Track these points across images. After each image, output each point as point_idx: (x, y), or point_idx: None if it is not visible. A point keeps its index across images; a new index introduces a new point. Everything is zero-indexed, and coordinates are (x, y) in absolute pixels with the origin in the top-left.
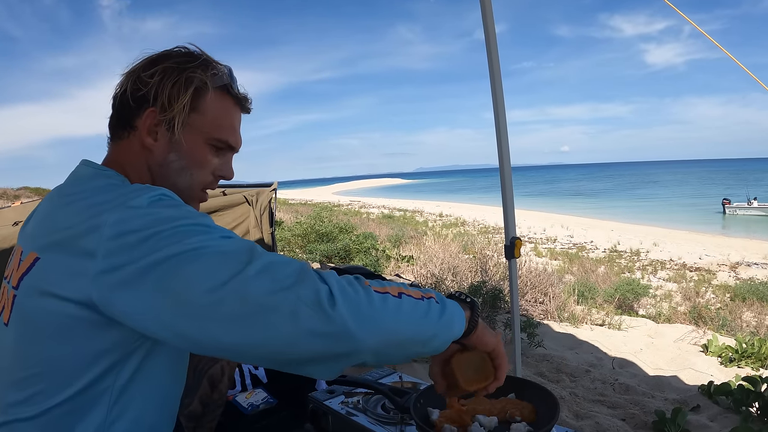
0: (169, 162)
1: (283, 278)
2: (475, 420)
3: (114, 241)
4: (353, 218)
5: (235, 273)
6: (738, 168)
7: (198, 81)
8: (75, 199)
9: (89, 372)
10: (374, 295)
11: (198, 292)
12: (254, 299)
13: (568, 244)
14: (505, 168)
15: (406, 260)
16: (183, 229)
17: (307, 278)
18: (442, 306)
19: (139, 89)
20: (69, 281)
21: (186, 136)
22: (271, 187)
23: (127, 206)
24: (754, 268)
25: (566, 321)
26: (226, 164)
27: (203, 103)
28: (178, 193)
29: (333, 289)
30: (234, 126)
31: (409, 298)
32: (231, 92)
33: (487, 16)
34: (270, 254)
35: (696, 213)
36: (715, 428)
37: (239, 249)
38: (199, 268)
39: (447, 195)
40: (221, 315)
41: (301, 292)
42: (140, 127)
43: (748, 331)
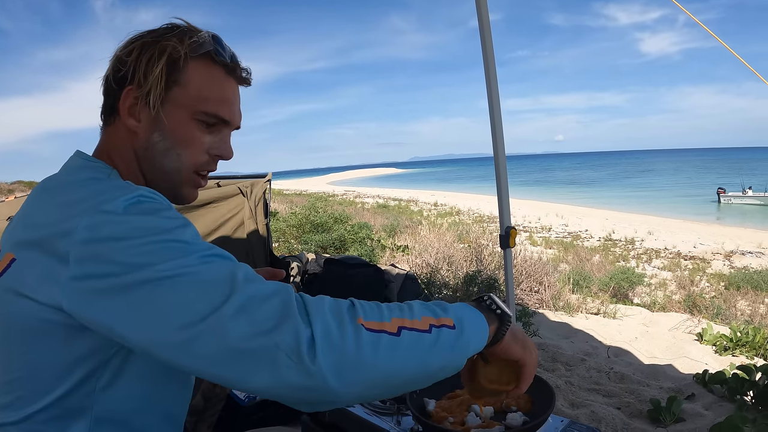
0: (153, 143)
1: (262, 320)
2: (471, 410)
3: (85, 248)
4: (348, 208)
5: (212, 310)
6: (733, 157)
7: (172, 49)
8: (53, 194)
9: (70, 377)
10: (364, 337)
11: (172, 328)
12: (230, 343)
13: (563, 232)
14: (500, 158)
15: (401, 250)
16: (159, 246)
17: (289, 319)
18: (458, 332)
19: (119, 69)
20: (42, 285)
21: (168, 113)
22: (265, 177)
23: (101, 210)
24: (749, 256)
25: (561, 310)
26: (221, 142)
27: (184, 75)
28: (167, 176)
29: (316, 334)
30: (225, 97)
31: (411, 334)
32: (217, 60)
33: (482, 5)
34: (252, 285)
35: (691, 202)
36: (710, 416)
37: (218, 279)
38: (174, 301)
39: (441, 184)
40: (195, 353)
41: (280, 339)
42: (121, 108)
43: (743, 320)
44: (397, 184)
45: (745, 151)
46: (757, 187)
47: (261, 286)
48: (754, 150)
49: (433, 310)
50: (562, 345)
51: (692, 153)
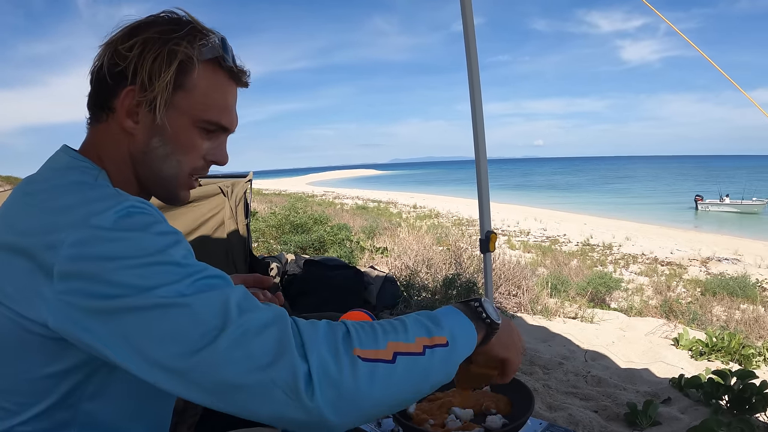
0: (153, 148)
1: (258, 355)
2: (451, 412)
3: (72, 265)
4: (327, 209)
5: (206, 343)
6: (711, 165)
7: (183, 54)
8: (38, 198)
9: (55, 390)
10: (361, 368)
11: (164, 356)
12: (225, 377)
13: (542, 237)
14: (481, 163)
15: (380, 252)
16: (151, 270)
17: (286, 354)
18: (450, 348)
19: (117, 64)
20: (23, 297)
21: (171, 118)
22: (246, 177)
23: (89, 225)
24: (725, 263)
25: (539, 314)
26: (218, 148)
27: (190, 80)
28: (164, 182)
29: (313, 369)
30: (227, 104)
31: (406, 359)
32: (224, 65)
33: (466, 9)
34: (246, 316)
35: (668, 208)
36: (685, 420)
37: (212, 310)
38: (166, 331)
39: (421, 186)
40: (189, 382)
41: (276, 375)
42: (118, 108)
43: (718, 326)
44: (376, 185)
45: (724, 159)
46: (734, 195)
47: (256, 317)
48: (733, 158)
49: (427, 327)
50: (540, 348)
51: (671, 160)
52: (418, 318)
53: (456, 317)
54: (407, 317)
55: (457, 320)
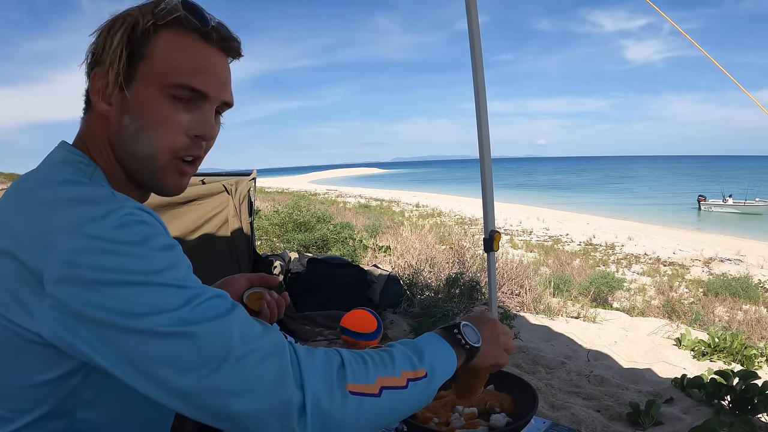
0: (124, 126)
1: (258, 385)
2: (455, 411)
3: (64, 274)
4: (330, 207)
5: (207, 373)
6: (714, 165)
7: (133, 19)
8: (30, 199)
9: (50, 397)
10: (350, 402)
11: (163, 377)
12: (224, 405)
13: (544, 236)
14: (486, 162)
15: (383, 250)
16: (150, 291)
17: (284, 385)
18: (429, 379)
19: (93, 53)
20: (16, 305)
21: (137, 91)
22: (250, 176)
23: (83, 234)
24: (727, 263)
25: (542, 313)
26: (201, 120)
27: (152, 47)
28: (141, 164)
29: (307, 401)
30: (200, 66)
31: (391, 392)
32: (188, 26)
33: (471, 8)
34: (248, 346)
35: (671, 209)
36: (688, 420)
37: (215, 339)
38: (166, 356)
39: (423, 185)
40: (186, 403)
41: (273, 405)
42: (92, 93)
43: (721, 326)
44: (379, 184)
45: (727, 160)
46: (738, 195)
47: (257, 347)
48: (736, 159)
49: (411, 361)
50: (542, 348)
51: (674, 160)
52: (404, 350)
53: (438, 346)
54: (395, 349)
55: (438, 349)
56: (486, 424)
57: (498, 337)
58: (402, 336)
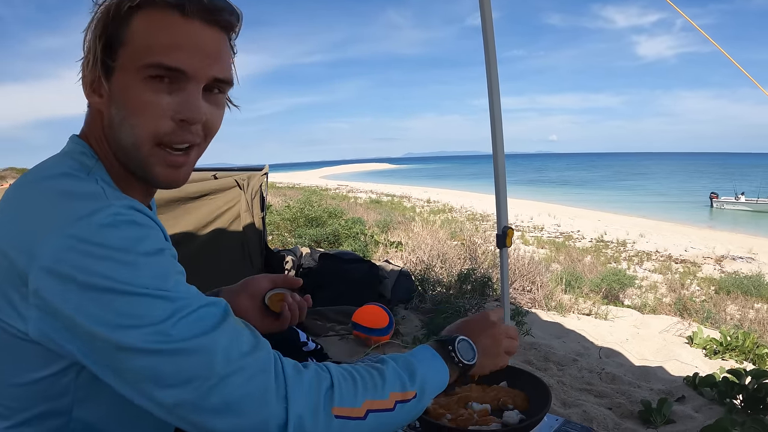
0: (112, 118)
1: (240, 405)
2: (468, 407)
3: (47, 277)
4: (341, 203)
5: (189, 392)
6: (726, 162)
7: (107, 7)
8: (18, 195)
9: (43, 395)
10: (334, 425)
11: (146, 395)
12: (204, 422)
13: (555, 233)
14: (499, 158)
15: (394, 246)
16: (134, 302)
17: (267, 405)
18: (418, 399)
19: (83, 48)
20: (6, 304)
21: (118, 79)
22: (262, 171)
23: (68, 234)
24: (739, 261)
25: (553, 310)
26: (185, 102)
27: (128, 31)
28: (129, 154)
29: (290, 422)
30: (175, 42)
31: (377, 415)
32: (163, 2)
33: (485, 3)
34: (233, 367)
35: (683, 206)
36: (699, 419)
37: (198, 359)
38: (148, 373)
39: (434, 181)
40: (168, 415)
41: (253, 425)
42: (83, 86)
43: (732, 324)
44: (390, 179)
45: (739, 157)
46: (750, 193)
47: (242, 365)
48: (749, 156)
49: (402, 381)
50: (554, 345)
51: (686, 157)
52: (396, 369)
53: (431, 363)
54: (387, 367)
55: (431, 366)
56: (499, 421)
57: (499, 343)
58: (413, 331)
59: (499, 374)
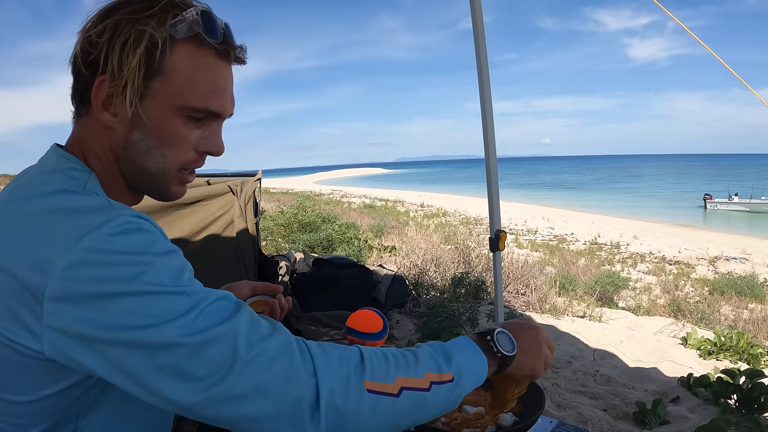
0: (133, 143)
1: (267, 389)
2: (462, 410)
3: (64, 290)
4: (335, 208)
5: (214, 382)
6: (719, 163)
7: (151, 35)
8: (19, 212)
9: (51, 411)
10: (365, 400)
11: (169, 393)
12: (233, 412)
13: (549, 235)
14: (491, 162)
15: (388, 250)
16: (153, 301)
17: (295, 382)
18: (455, 385)
19: (90, 52)
20: (15, 324)
21: (150, 108)
22: (255, 176)
23: (81, 248)
24: (733, 262)
25: (548, 313)
26: (211, 137)
27: (167, 63)
28: (151, 178)
29: (321, 398)
30: (216, 86)
31: (411, 393)
32: (205, 42)
33: (476, 8)
34: (256, 349)
35: (676, 207)
36: (694, 419)
37: (220, 347)
38: (172, 370)
39: (428, 185)
40: (194, 414)
41: (284, 407)
42: (93, 100)
43: (726, 325)
44: (383, 184)
45: (731, 158)
46: (743, 194)
47: (265, 349)
48: (741, 157)
49: (438, 363)
50: None
51: (679, 158)
52: (432, 352)
53: (470, 351)
54: (421, 349)
55: (470, 355)
56: (493, 424)
57: (540, 345)
58: (408, 335)
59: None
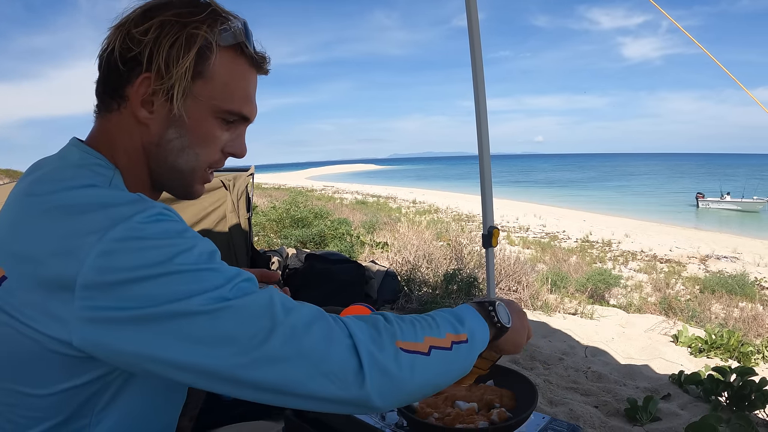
0: (169, 140)
1: (310, 351)
2: (455, 406)
3: (100, 277)
4: (327, 203)
5: (257, 344)
6: (710, 162)
7: (203, 39)
8: (48, 205)
9: (69, 404)
10: (403, 360)
11: (213, 362)
12: (279, 376)
13: (541, 233)
14: (485, 159)
15: (380, 246)
16: (190, 277)
17: (334, 346)
18: (470, 345)
19: (131, 49)
20: (41, 314)
21: (189, 108)
22: (248, 171)
23: (114, 237)
24: (724, 261)
25: (539, 309)
26: (237, 139)
27: (210, 67)
28: (180, 175)
29: (363, 360)
30: (249, 93)
31: (439, 353)
32: (245, 52)
33: (471, 5)
34: (292, 315)
35: (668, 206)
36: (685, 416)
37: (258, 311)
38: (215, 336)
39: (420, 182)
40: (240, 384)
41: (328, 368)
42: (132, 97)
43: (717, 323)
44: (376, 180)
45: (724, 157)
46: (735, 193)
47: (302, 314)
48: (732, 156)
49: (453, 324)
50: (540, 344)
51: (671, 157)
52: (444, 315)
53: (474, 317)
54: (434, 314)
55: (476, 321)
56: (486, 420)
57: (525, 328)
58: None
59: (486, 373)
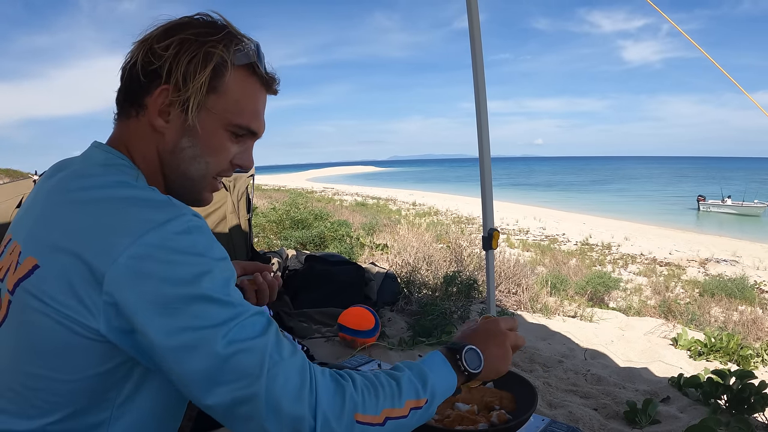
0: (182, 148)
1: (280, 402)
2: (455, 408)
3: (124, 277)
4: (327, 205)
5: (243, 387)
6: (710, 166)
7: (219, 57)
8: (83, 199)
9: (90, 392)
10: (356, 429)
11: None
12: (244, 417)
13: (541, 236)
14: (485, 161)
15: (380, 248)
16: (203, 307)
17: (301, 402)
18: (429, 405)
19: (151, 62)
20: (73, 301)
21: (202, 120)
22: (248, 172)
23: (146, 243)
24: (723, 264)
25: (539, 312)
26: (245, 152)
27: (224, 84)
28: (190, 182)
29: (318, 420)
30: (258, 110)
31: (393, 422)
32: (257, 72)
33: (472, 8)
34: (278, 369)
35: (667, 209)
36: (684, 419)
37: (252, 361)
38: (202, 374)
39: (420, 184)
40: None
41: (285, 421)
42: (150, 106)
43: (717, 326)
44: (376, 182)
45: (724, 161)
46: (736, 196)
47: (287, 364)
48: (733, 160)
49: (416, 390)
50: (539, 346)
51: (671, 161)
52: (411, 378)
53: (441, 370)
54: (404, 376)
55: (442, 374)
56: (486, 421)
57: (506, 351)
58: (399, 333)
59: None
